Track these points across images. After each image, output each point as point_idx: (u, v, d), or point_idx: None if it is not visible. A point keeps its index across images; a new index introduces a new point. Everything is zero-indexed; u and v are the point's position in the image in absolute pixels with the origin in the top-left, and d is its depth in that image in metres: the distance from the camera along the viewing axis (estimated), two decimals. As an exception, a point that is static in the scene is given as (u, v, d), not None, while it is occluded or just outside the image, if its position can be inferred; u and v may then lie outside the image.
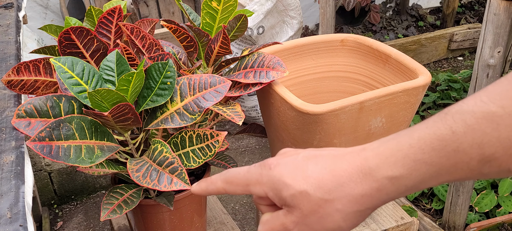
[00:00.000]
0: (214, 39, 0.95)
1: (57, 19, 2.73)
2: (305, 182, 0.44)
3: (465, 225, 1.70)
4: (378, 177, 0.42)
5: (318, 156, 0.45)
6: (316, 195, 0.43)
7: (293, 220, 0.45)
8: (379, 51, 1.06)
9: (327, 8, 1.97)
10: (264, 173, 0.46)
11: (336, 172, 0.43)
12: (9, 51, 1.06)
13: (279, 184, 0.45)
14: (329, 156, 0.45)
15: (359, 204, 0.43)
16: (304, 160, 0.45)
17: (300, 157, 0.46)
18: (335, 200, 0.43)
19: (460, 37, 3.14)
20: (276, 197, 0.45)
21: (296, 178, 0.44)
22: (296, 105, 0.88)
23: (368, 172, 0.42)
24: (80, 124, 0.78)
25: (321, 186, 0.43)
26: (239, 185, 0.48)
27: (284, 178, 0.45)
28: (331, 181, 0.43)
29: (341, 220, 0.44)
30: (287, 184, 0.44)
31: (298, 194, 0.44)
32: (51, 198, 2.08)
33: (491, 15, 1.31)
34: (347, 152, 0.44)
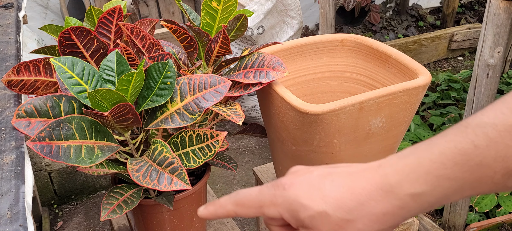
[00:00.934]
0: (214, 39, 0.95)
1: (57, 19, 2.73)
2: (324, 202, 0.42)
3: (465, 225, 1.70)
4: (400, 194, 0.41)
5: (333, 174, 0.44)
6: (336, 215, 0.42)
7: None
8: (379, 51, 1.06)
9: (327, 8, 1.97)
10: (278, 193, 0.44)
11: (355, 190, 0.42)
12: (9, 51, 1.06)
13: (296, 204, 0.43)
14: (344, 173, 0.43)
15: (380, 222, 0.42)
16: (319, 178, 0.44)
17: (315, 176, 0.44)
18: (356, 220, 0.42)
19: (460, 37, 3.14)
20: (292, 218, 0.44)
21: (314, 198, 0.42)
22: (296, 105, 0.88)
23: (389, 189, 0.41)
24: (80, 124, 0.78)
25: (341, 206, 0.42)
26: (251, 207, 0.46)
27: (300, 198, 0.43)
28: (350, 200, 0.42)
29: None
30: (305, 205, 0.42)
31: (317, 215, 0.42)
32: (51, 198, 2.08)
33: (491, 15, 1.31)
34: (363, 169, 0.43)
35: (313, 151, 0.94)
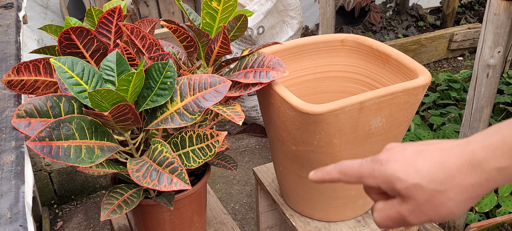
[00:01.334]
0: (214, 39, 0.95)
1: (57, 19, 2.73)
2: (418, 176, 0.49)
3: (465, 225, 1.70)
4: (487, 168, 0.47)
5: (425, 151, 0.50)
6: (429, 187, 0.48)
7: (408, 209, 0.50)
8: (379, 51, 1.06)
9: (327, 8, 1.97)
10: (376, 168, 0.51)
11: (446, 165, 0.48)
12: (9, 51, 1.06)
13: (392, 178, 0.50)
14: (436, 150, 0.50)
15: (469, 192, 0.48)
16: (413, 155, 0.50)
17: (408, 153, 0.51)
18: (447, 190, 0.48)
19: (460, 37, 3.14)
20: (389, 189, 0.51)
21: (408, 173, 0.49)
22: (296, 105, 0.88)
23: (477, 164, 0.47)
24: (80, 124, 0.78)
25: (433, 179, 0.48)
26: (353, 177, 0.54)
27: (396, 172, 0.50)
28: (442, 174, 0.48)
29: (454, 206, 0.49)
30: (401, 179, 0.49)
31: (412, 187, 0.49)
32: (51, 198, 2.08)
33: (491, 15, 1.31)
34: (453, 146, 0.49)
35: (313, 151, 0.94)
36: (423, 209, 0.50)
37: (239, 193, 2.11)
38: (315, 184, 1.02)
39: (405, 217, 0.51)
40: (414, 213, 0.50)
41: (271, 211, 1.33)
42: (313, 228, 1.09)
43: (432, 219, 0.51)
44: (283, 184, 1.13)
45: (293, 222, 1.11)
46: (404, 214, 0.51)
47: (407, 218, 0.51)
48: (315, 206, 1.08)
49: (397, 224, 0.52)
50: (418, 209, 0.50)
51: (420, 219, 0.51)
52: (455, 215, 0.50)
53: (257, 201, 1.30)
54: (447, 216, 0.50)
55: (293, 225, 1.11)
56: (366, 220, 1.11)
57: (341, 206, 1.07)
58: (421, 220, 0.51)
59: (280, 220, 1.36)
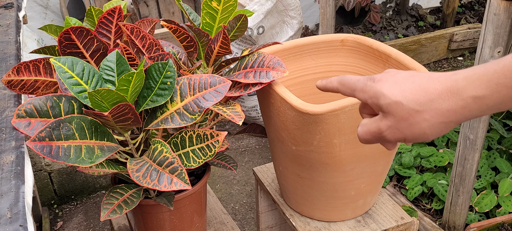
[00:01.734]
0: (214, 39, 0.95)
1: (57, 19, 2.73)
2: (401, 95, 0.53)
3: (465, 225, 1.69)
4: (464, 96, 0.50)
5: (414, 76, 0.54)
6: (408, 106, 0.52)
7: (386, 124, 0.55)
8: (379, 51, 1.06)
9: (327, 8, 1.97)
10: (368, 84, 0.57)
11: (429, 90, 0.52)
12: (9, 51, 1.06)
13: (378, 93, 0.55)
14: (424, 77, 0.53)
15: (444, 117, 0.51)
16: (403, 78, 0.55)
17: (400, 76, 0.55)
18: (424, 112, 0.52)
19: (460, 37, 3.14)
20: (374, 104, 0.56)
21: (393, 91, 0.54)
22: (296, 105, 0.88)
23: (455, 91, 0.50)
24: (80, 124, 0.78)
25: (414, 99, 0.52)
26: (348, 88, 0.59)
27: (383, 89, 0.54)
28: (423, 96, 0.52)
29: (427, 128, 0.53)
30: (385, 95, 0.54)
31: (393, 104, 0.53)
32: (51, 198, 2.08)
33: (491, 15, 1.31)
34: (440, 75, 0.53)
35: (313, 151, 0.94)
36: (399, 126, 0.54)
37: (239, 193, 2.11)
38: (315, 184, 1.02)
39: (382, 131, 0.55)
40: (390, 128, 0.54)
41: (271, 211, 1.33)
42: (313, 228, 1.09)
43: (406, 138, 0.54)
44: (283, 184, 1.13)
45: (293, 222, 1.11)
46: (382, 129, 0.55)
47: (384, 133, 0.55)
48: (315, 206, 1.08)
49: (375, 139, 0.57)
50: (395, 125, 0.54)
51: (395, 135, 0.55)
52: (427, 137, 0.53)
53: (257, 201, 1.30)
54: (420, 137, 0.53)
55: (293, 225, 1.11)
56: (366, 220, 1.11)
57: (341, 206, 1.07)
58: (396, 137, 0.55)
59: (280, 220, 1.36)
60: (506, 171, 1.86)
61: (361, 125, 0.58)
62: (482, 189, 1.84)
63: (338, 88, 0.61)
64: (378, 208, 1.14)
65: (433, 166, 1.95)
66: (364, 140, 0.58)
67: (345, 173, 0.98)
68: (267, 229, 1.36)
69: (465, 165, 1.55)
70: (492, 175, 1.88)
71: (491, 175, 1.88)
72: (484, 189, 1.84)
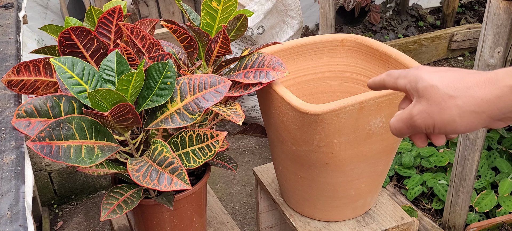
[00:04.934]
0: (214, 39, 0.95)
1: (57, 19, 2.73)
2: (438, 80, 0.54)
3: (465, 225, 1.69)
4: (500, 84, 0.50)
5: (459, 69, 0.55)
6: (443, 90, 0.53)
7: (419, 108, 0.55)
8: (379, 51, 1.06)
9: (327, 8, 1.97)
10: (412, 70, 0.57)
11: (467, 78, 0.52)
12: (9, 51, 1.06)
13: (417, 77, 0.56)
14: (468, 70, 0.54)
15: (477, 105, 0.51)
16: (445, 69, 0.55)
17: (444, 68, 0.56)
18: (457, 98, 0.52)
19: (460, 37, 3.14)
20: (412, 89, 0.56)
21: (432, 76, 0.54)
22: (296, 105, 0.88)
23: (493, 81, 0.50)
24: (80, 124, 0.78)
25: (450, 85, 0.53)
26: (392, 77, 0.60)
27: (423, 74, 0.55)
28: (460, 83, 0.52)
29: (457, 115, 0.52)
30: (423, 78, 0.55)
31: (429, 87, 0.54)
32: (51, 198, 2.08)
33: (491, 15, 1.31)
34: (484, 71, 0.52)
35: (313, 151, 0.94)
36: (430, 110, 0.54)
37: (239, 193, 2.11)
38: (315, 184, 1.02)
39: (413, 115, 0.55)
40: (421, 113, 0.54)
41: (271, 211, 1.33)
42: (313, 228, 1.09)
43: (435, 124, 0.54)
44: (283, 184, 1.13)
45: (293, 222, 1.11)
46: (413, 113, 0.55)
47: (415, 117, 0.55)
48: (315, 206, 1.08)
49: (406, 126, 0.57)
50: (426, 109, 0.54)
51: (425, 121, 0.54)
52: (456, 126, 0.53)
53: (257, 201, 1.30)
54: (449, 124, 0.53)
55: (293, 225, 1.11)
56: (366, 220, 1.11)
57: (341, 206, 1.07)
58: (425, 122, 0.54)
59: (280, 220, 1.36)
60: (506, 171, 1.86)
61: (395, 115, 0.59)
62: (482, 189, 1.84)
63: (384, 78, 0.62)
64: (378, 208, 1.14)
65: (433, 166, 1.95)
66: (395, 129, 0.58)
67: (345, 173, 0.98)
68: (267, 229, 1.36)
69: (465, 165, 1.55)
70: (492, 175, 1.88)
71: (491, 175, 1.88)
72: (484, 189, 1.84)
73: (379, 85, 0.63)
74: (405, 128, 0.57)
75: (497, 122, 0.52)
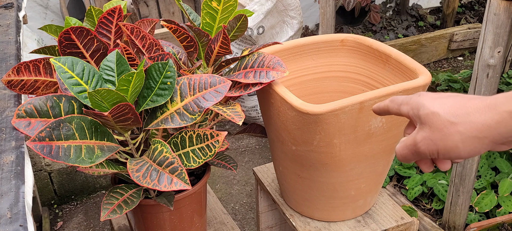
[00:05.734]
0: (214, 39, 0.95)
1: (57, 19, 2.73)
2: (439, 107, 0.55)
3: (465, 225, 1.69)
4: (500, 110, 0.51)
5: (459, 95, 0.56)
6: (444, 117, 0.54)
7: (422, 135, 0.56)
8: (379, 51, 1.06)
9: (327, 8, 1.97)
10: (414, 97, 0.59)
11: (467, 104, 0.53)
12: (9, 51, 1.06)
13: (419, 104, 0.57)
14: (468, 95, 0.55)
15: (478, 131, 0.52)
16: (446, 95, 0.57)
17: (445, 94, 0.57)
18: (459, 124, 0.53)
19: (460, 37, 3.14)
20: (414, 116, 0.58)
21: (433, 103, 0.56)
22: (296, 105, 0.88)
23: (493, 106, 0.51)
24: (80, 124, 0.78)
25: (451, 112, 0.54)
26: (396, 104, 0.61)
27: (424, 101, 0.57)
28: (460, 110, 0.53)
29: (459, 141, 0.53)
30: (425, 105, 0.56)
31: (431, 114, 0.55)
32: (51, 198, 2.08)
33: (491, 15, 1.31)
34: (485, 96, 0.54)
35: (313, 151, 0.94)
36: (433, 137, 0.55)
37: (239, 193, 2.11)
38: (315, 184, 1.02)
39: (417, 142, 0.56)
40: (425, 140, 0.56)
41: (271, 211, 1.33)
42: (313, 228, 1.09)
43: (439, 151, 0.55)
44: (283, 184, 1.13)
45: (293, 222, 1.11)
46: (417, 140, 0.56)
47: (418, 144, 0.56)
48: (315, 206, 1.08)
49: (410, 152, 0.58)
50: (429, 136, 0.55)
51: (429, 147, 0.55)
52: (459, 152, 0.54)
53: (257, 201, 1.30)
54: (452, 150, 0.54)
55: (293, 225, 1.11)
56: (366, 220, 1.11)
57: (341, 206, 1.07)
58: (429, 149, 0.55)
59: (280, 220, 1.36)
60: (506, 171, 1.86)
61: (400, 141, 0.60)
62: (482, 189, 1.84)
63: (388, 105, 0.64)
64: (378, 208, 1.14)
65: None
66: (400, 156, 0.60)
67: (345, 173, 0.98)
68: (267, 229, 1.36)
69: (465, 165, 1.55)
70: (492, 175, 1.88)
71: (491, 175, 1.88)
72: (484, 189, 1.84)
73: (384, 111, 0.65)
74: (410, 154, 0.58)
75: (500, 145, 0.53)
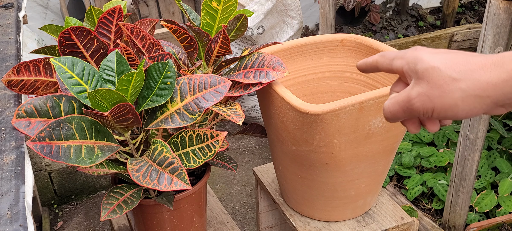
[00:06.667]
0: (214, 39, 0.95)
1: (57, 19, 2.73)
2: (440, 62, 0.50)
3: (465, 225, 1.69)
4: (507, 68, 0.46)
5: (460, 52, 0.51)
6: (446, 73, 0.49)
7: (418, 91, 0.51)
8: (379, 51, 1.06)
9: (327, 8, 1.97)
10: (409, 51, 0.54)
11: (471, 61, 0.49)
12: (9, 51, 1.06)
13: (417, 58, 0.52)
14: (472, 53, 0.51)
15: (481, 89, 0.47)
16: (446, 51, 0.52)
17: (444, 50, 0.52)
18: (461, 80, 0.48)
19: (460, 37, 3.14)
20: (410, 70, 0.52)
21: (433, 58, 0.51)
22: (296, 105, 0.88)
23: (500, 64, 0.47)
24: (80, 124, 0.78)
25: (453, 67, 0.49)
26: (387, 58, 0.56)
27: (423, 55, 0.52)
28: (463, 66, 0.49)
29: (459, 99, 0.48)
30: (423, 60, 0.51)
31: (430, 68, 0.50)
32: (51, 198, 2.08)
33: (491, 15, 1.31)
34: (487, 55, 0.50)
35: (313, 151, 0.94)
36: (430, 93, 0.50)
37: (239, 193, 2.11)
38: (315, 184, 1.02)
39: (412, 99, 0.51)
40: (420, 95, 0.50)
41: (271, 211, 1.33)
42: (313, 228, 1.09)
43: (435, 108, 0.50)
44: (283, 184, 1.13)
45: (293, 222, 1.11)
46: (412, 96, 0.51)
47: (413, 100, 0.51)
48: (315, 206, 1.08)
49: (402, 109, 0.53)
50: (426, 92, 0.50)
51: (424, 104, 0.50)
52: (457, 111, 0.49)
53: (257, 201, 1.30)
54: (450, 109, 0.49)
55: (293, 225, 1.11)
56: (366, 220, 1.11)
57: (341, 206, 1.07)
58: (424, 106, 0.50)
59: (280, 220, 1.36)
60: (506, 171, 1.86)
61: (389, 98, 0.54)
62: (482, 189, 1.84)
63: (378, 60, 0.58)
64: (378, 208, 1.14)
65: (433, 166, 1.95)
66: (389, 113, 0.54)
67: (345, 173, 0.98)
68: (267, 229, 1.36)
69: (465, 165, 1.55)
70: (492, 175, 1.88)
71: (491, 175, 1.88)
72: (484, 189, 1.84)
73: (371, 67, 0.59)
74: (401, 111, 0.53)
75: (499, 107, 0.49)
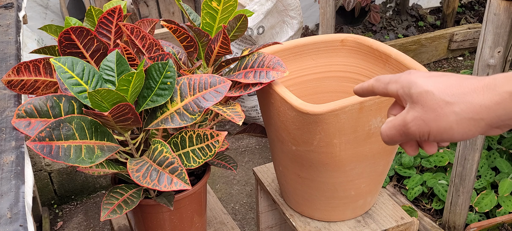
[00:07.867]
0: (214, 39, 0.95)
1: (57, 19, 2.73)
2: (433, 86, 0.51)
3: (465, 225, 1.69)
4: (500, 91, 0.47)
5: (452, 74, 0.52)
6: (439, 97, 0.50)
7: (413, 115, 0.52)
8: (379, 51, 1.06)
9: (327, 8, 1.97)
10: (403, 75, 0.55)
11: (464, 84, 0.50)
12: (9, 51, 1.06)
13: (410, 82, 0.53)
14: (462, 75, 0.51)
15: (475, 112, 0.48)
16: (439, 74, 0.53)
17: (437, 73, 0.54)
18: (454, 104, 0.49)
19: (460, 37, 3.14)
20: (405, 95, 0.54)
21: (427, 82, 0.52)
22: (296, 105, 0.88)
23: (492, 87, 0.48)
24: (80, 124, 0.78)
25: (446, 91, 0.50)
26: (382, 82, 0.57)
27: (416, 79, 0.53)
28: (456, 89, 0.50)
29: (454, 122, 0.49)
30: (417, 84, 0.52)
31: (424, 92, 0.51)
32: (51, 198, 2.08)
33: (491, 15, 1.31)
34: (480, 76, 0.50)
35: (313, 151, 0.94)
36: (425, 117, 0.51)
37: (239, 193, 2.11)
38: (315, 184, 1.02)
39: (407, 123, 0.52)
40: (416, 120, 0.52)
41: (271, 211, 1.33)
42: (313, 228, 1.09)
43: (431, 132, 0.51)
44: (283, 184, 1.13)
45: (293, 222, 1.11)
46: (407, 120, 0.52)
47: (409, 124, 0.52)
48: (315, 206, 1.08)
49: (399, 133, 0.54)
50: (421, 116, 0.51)
51: (420, 128, 0.52)
52: (453, 134, 0.50)
53: (257, 201, 1.30)
54: (446, 132, 0.50)
55: (293, 225, 1.11)
56: (366, 220, 1.11)
57: (341, 206, 1.07)
58: (420, 129, 0.52)
59: (280, 220, 1.36)
60: (506, 171, 1.86)
61: (386, 122, 0.56)
62: (482, 189, 1.84)
63: (373, 84, 0.59)
64: (378, 208, 1.14)
65: (433, 166, 1.95)
66: (387, 137, 0.55)
67: (345, 173, 0.98)
68: (267, 229, 1.36)
69: (465, 165, 1.55)
70: (492, 175, 1.88)
71: (491, 175, 1.88)
72: (484, 189, 1.84)
73: (367, 92, 0.60)
74: (398, 135, 0.54)
75: (494, 129, 0.50)
